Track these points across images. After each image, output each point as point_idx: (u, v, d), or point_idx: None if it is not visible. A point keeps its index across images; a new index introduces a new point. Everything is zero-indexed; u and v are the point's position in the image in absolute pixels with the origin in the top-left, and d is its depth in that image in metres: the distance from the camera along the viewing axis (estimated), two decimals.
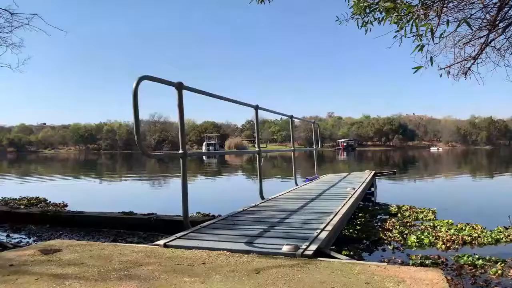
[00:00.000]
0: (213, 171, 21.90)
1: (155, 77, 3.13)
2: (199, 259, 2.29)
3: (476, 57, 5.19)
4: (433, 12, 3.91)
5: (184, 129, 3.44)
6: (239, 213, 4.15)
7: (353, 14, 4.21)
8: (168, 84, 3.33)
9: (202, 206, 6.64)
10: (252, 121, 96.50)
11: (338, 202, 4.71)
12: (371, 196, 8.01)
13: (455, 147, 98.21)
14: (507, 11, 4.71)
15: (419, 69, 3.62)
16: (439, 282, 1.83)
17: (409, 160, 35.55)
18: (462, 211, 6.96)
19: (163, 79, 3.25)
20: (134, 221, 5.40)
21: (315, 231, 3.06)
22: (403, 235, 4.89)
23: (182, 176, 3.36)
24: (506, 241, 4.65)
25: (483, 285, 3.17)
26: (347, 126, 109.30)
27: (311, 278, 1.93)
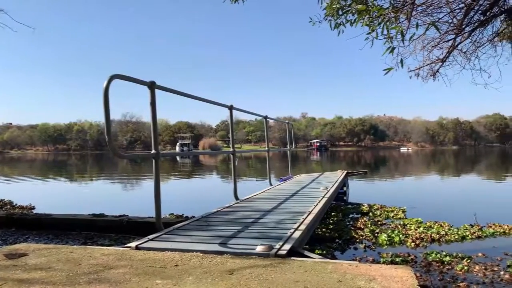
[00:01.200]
0: (187, 171, 21.70)
1: (127, 76, 3.07)
2: (172, 261, 2.26)
3: (444, 59, 5.36)
4: (403, 15, 4.02)
5: (156, 129, 3.39)
6: (213, 214, 4.12)
7: (326, 15, 4.26)
8: (140, 84, 3.28)
9: (176, 207, 6.57)
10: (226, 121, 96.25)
11: (311, 202, 4.76)
12: (344, 196, 8.13)
13: (424, 147, 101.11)
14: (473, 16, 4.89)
15: (390, 70, 3.71)
16: (409, 279, 1.87)
17: (380, 160, 36.35)
18: (430, 210, 7.17)
19: (135, 78, 3.19)
20: (105, 223, 5.28)
21: (289, 231, 3.08)
22: (374, 233, 5.00)
23: (155, 177, 3.31)
24: (472, 238, 4.82)
25: (450, 281, 3.27)
26: (320, 126, 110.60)
27: (284, 277, 1.94)
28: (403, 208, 6.76)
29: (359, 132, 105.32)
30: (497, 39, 5.73)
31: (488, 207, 7.54)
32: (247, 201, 5.11)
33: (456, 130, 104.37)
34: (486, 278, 3.33)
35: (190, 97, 4.25)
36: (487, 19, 4.91)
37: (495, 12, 4.83)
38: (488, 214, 6.15)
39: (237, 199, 5.19)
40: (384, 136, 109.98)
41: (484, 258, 3.93)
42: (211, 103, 4.79)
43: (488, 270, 3.52)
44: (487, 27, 5.33)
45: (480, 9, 4.76)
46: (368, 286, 1.80)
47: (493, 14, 4.84)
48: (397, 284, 1.81)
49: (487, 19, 4.89)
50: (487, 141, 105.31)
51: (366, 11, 3.76)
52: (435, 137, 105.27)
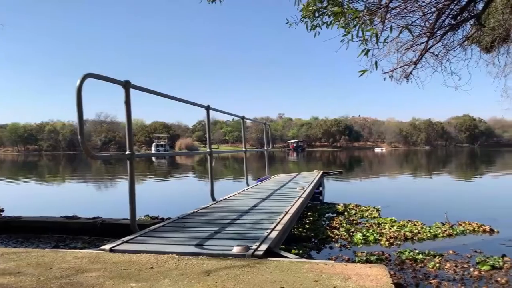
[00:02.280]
0: (163, 172, 21.44)
1: (100, 75, 3.01)
2: (147, 263, 2.22)
3: (417, 62, 5.49)
4: (377, 18, 4.09)
5: (131, 130, 3.33)
6: (189, 215, 4.09)
7: (303, 17, 4.29)
8: (115, 83, 3.22)
9: (151, 209, 6.48)
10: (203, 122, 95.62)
11: (288, 202, 4.79)
12: (320, 195, 8.22)
13: (397, 147, 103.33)
14: (444, 20, 5.03)
15: (364, 72, 3.77)
16: (383, 277, 1.91)
17: (355, 160, 36.93)
18: (404, 209, 7.34)
19: (109, 77, 3.13)
20: (77, 225, 5.14)
21: (266, 231, 3.09)
22: (350, 233, 5.07)
23: (130, 178, 3.25)
24: (443, 236, 4.96)
25: (422, 278, 3.35)
26: (297, 127, 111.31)
27: (261, 278, 1.94)
28: (378, 207, 6.88)
29: (334, 133, 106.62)
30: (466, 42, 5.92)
31: (459, 206, 7.77)
32: (224, 201, 5.10)
33: (428, 131, 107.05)
34: (457, 274, 3.43)
35: (166, 97, 4.20)
36: (457, 23, 5.06)
37: (465, 17, 4.99)
38: (458, 213, 6.34)
39: (214, 200, 5.16)
40: (359, 137, 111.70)
41: (455, 256, 4.05)
42: (187, 103, 4.75)
43: (458, 267, 3.62)
44: (457, 31, 5.49)
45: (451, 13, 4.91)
46: (343, 285, 1.82)
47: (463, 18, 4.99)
48: (372, 282, 1.84)
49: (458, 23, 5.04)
50: (458, 141, 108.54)
51: (342, 13, 3.81)
52: (408, 138, 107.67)
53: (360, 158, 40.35)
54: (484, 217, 5.92)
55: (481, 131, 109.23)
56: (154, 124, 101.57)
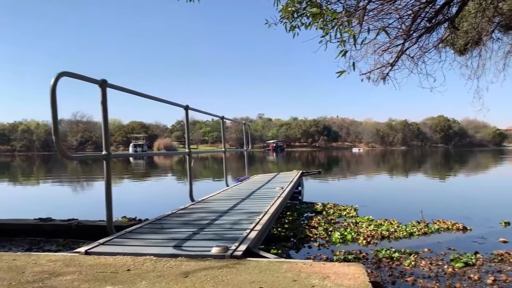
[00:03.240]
0: (140, 173, 21.16)
1: (76, 74, 2.94)
2: (124, 266, 2.18)
3: (393, 63, 5.59)
4: (355, 19, 4.14)
5: (108, 129, 3.27)
6: (167, 216, 4.04)
7: (282, 18, 4.31)
8: (91, 82, 3.15)
9: (129, 210, 6.38)
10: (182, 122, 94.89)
11: (267, 202, 4.80)
12: (299, 195, 8.27)
13: (374, 147, 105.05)
14: (419, 22, 5.14)
15: (342, 73, 3.81)
16: (360, 276, 1.93)
17: (333, 160, 37.35)
18: (381, 208, 7.46)
19: (85, 76, 3.07)
20: (52, 227, 5.01)
21: (245, 231, 3.09)
22: (328, 232, 5.12)
23: (106, 178, 3.19)
24: (419, 234, 5.07)
25: (398, 276, 3.42)
26: (276, 127, 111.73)
27: (240, 278, 1.93)
28: (355, 206, 6.98)
29: (313, 133, 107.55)
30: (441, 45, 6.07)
31: (434, 205, 7.94)
32: (203, 202, 5.06)
33: (404, 131, 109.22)
34: (432, 272, 3.51)
35: (144, 97, 4.14)
36: (432, 26, 5.18)
37: (439, 20, 5.11)
38: (433, 211, 6.50)
39: (193, 201, 5.12)
40: (337, 137, 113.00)
41: (430, 253, 4.15)
42: (166, 103, 4.69)
43: (433, 265, 3.71)
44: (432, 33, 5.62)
45: (426, 16, 5.02)
46: (321, 284, 1.83)
47: (437, 21, 5.11)
48: (350, 281, 1.86)
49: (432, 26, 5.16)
50: (433, 141, 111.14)
51: (320, 14, 3.84)
52: (384, 138, 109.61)
53: (338, 158, 40.83)
54: (458, 216, 6.08)
55: (455, 132, 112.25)
56: (131, 124, 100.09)
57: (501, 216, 6.00)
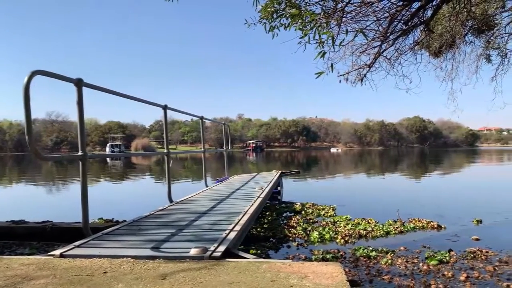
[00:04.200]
0: (118, 173, 20.81)
1: (51, 72, 2.86)
2: (100, 268, 2.14)
3: (371, 65, 5.68)
4: (334, 21, 4.18)
5: (83, 129, 3.20)
6: (145, 217, 3.99)
7: (261, 18, 4.31)
8: (66, 81, 3.08)
9: (105, 212, 6.27)
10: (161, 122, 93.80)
11: (247, 202, 4.79)
12: (278, 195, 8.29)
13: (352, 147, 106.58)
14: (396, 25, 5.23)
15: (321, 74, 3.84)
16: (338, 275, 1.95)
17: (312, 160, 37.66)
18: (358, 207, 7.56)
19: (60, 74, 2.99)
20: (25, 230, 4.86)
21: (224, 232, 3.07)
22: (307, 231, 5.16)
23: (82, 179, 3.13)
24: (395, 233, 5.16)
25: (375, 274, 3.47)
26: (256, 127, 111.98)
27: (218, 279, 1.92)
28: (333, 206, 7.06)
29: (292, 133, 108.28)
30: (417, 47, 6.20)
31: (410, 204, 8.11)
32: (182, 203, 5.02)
33: (381, 132, 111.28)
34: (407, 270, 3.58)
35: (121, 96, 4.07)
36: (408, 29, 5.28)
37: (415, 23, 5.22)
38: (409, 210, 6.64)
39: (171, 202, 5.07)
40: (316, 137, 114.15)
41: (406, 251, 4.23)
42: (144, 103, 4.62)
43: (409, 263, 3.79)
44: (408, 36, 5.74)
45: (402, 19, 5.12)
46: (300, 284, 1.84)
47: (413, 24, 5.22)
48: (328, 280, 1.88)
49: (408, 28, 5.27)
50: (409, 142, 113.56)
51: (299, 15, 3.86)
52: (362, 138, 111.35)
53: (317, 158, 41.18)
54: (433, 214, 6.24)
55: (430, 132, 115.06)
56: (109, 124, 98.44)
57: (474, 214, 6.18)
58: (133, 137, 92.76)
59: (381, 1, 4.82)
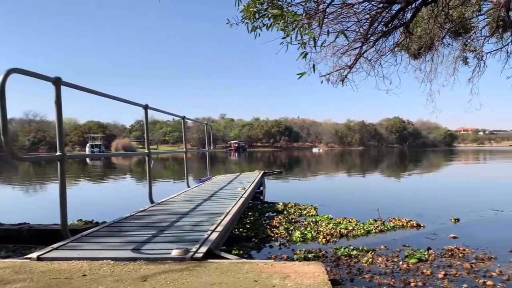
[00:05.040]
0: (98, 174, 20.46)
1: (27, 71, 2.80)
2: (79, 271, 2.10)
3: (352, 66, 5.75)
4: (315, 22, 4.21)
5: (62, 129, 3.13)
6: (126, 218, 3.93)
7: (244, 18, 4.31)
8: (44, 79, 3.01)
9: (85, 213, 6.15)
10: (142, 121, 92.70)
11: (229, 203, 4.78)
12: (260, 195, 8.30)
13: (333, 147, 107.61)
14: (376, 26, 5.31)
15: (303, 75, 3.87)
16: (320, 274, 1.97)
17: (294, 160, 37.83)
18: (340, 206, 7.63)
19: (38, 73, 2.93)
20: (0, 232, 4.73)
21: (206, 233, 3.06)
22: (289, 231, 5.18)
23: (60, 180, 3.06)
24: (376, 232, 5.24)
25: (356, 273, 3.51)
26: (239, 127, 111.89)
27: (200, 281, 1.91)
28: (315, 205, 7.11)
29: (275, 133, 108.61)
30: (397, 49, 6.32)
31: (390, 203, 8.23)
32: (163, 204, 4.97)
33: (362, 132, 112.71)
34: (388, 268, 3.63)
35: (101, 95, 4.01)
36: (388, 30, 5.37)
37: (395, 25, 5.31)
38: (389, 209, 6.74)
39: (152, 203, 5.02)
40: (298, 137, 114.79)
41: (386, 250, 4.30)
42: (124, 102, 4.56)
43: (389, 261, 3.84)
44: (388, 37, 5.84)
45: (382, 21, 5.20)
46: (282, 284, 1.85)
47: (393, 26, 5.31)
48: (310, 280, 1.89)
49: (389, 30, 5.36)
50: (389, 142, 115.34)
51: (281, 16, 3.88)
52: (343, 138, 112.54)
53: (299, 158, 41.40)
54: (412, 213, 6.35)
55: (409, 132, 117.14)
56: (88, 124, 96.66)
57: (452, 213, 6.32)
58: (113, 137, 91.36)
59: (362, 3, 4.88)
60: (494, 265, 3.71)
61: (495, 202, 7.63)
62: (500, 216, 6.35)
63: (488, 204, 7.44)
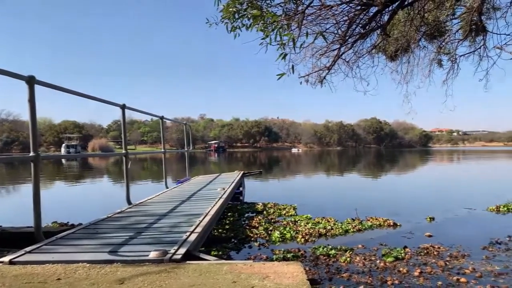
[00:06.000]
0: (74, 175, 20.01)
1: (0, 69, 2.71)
2: (54, 275, 2.05)
3: (330, 67, 5.80)
4: (294, 23, 4.23)
5: (36, 129, 3.05)
6: (102, 220, 3.86)
7: (223, 18, 4.29)
8: (17, 78, 2.93)
9: (60, 215, 6.01)
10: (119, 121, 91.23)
11: (208, 203, 4.75)
12: (240, 195, 8.29)
13: (312, 148, 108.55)
14: (354, 28, 5.38)
15: (282, 75, 3.89)
16: (299, 274, 1.98)
17: (274, 160, 37.97)
18: (318, 206, 7.70)
19: (11, 71, 2.84)
20: None
21: (185, 234, 3.03)
22: (268, 231, 5.19)
23: (34, 181, 2.98)
24: (353, 231, 5.31)
25: (335, 272, 3.55)
26: (218, 128, 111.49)
27: (179, 283, 1.89)
28: (294, 205, 7.15)
29: (255, 134, 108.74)
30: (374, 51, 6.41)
31: (367, 202, 8.34)
32: (141, 205, 4.90)
33: (340, 133, 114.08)
34: (365, 267, 3.69)
35: (77, 95, 3.92)
36: (366, 32, 5.45)
37: (372, 27, 5.39)
38: (367, 209, 6.84)
39: (130, 204, 4.94)
40: (278, 138, 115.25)
41: (364, 249, 4.36)
42: (101, 102, 4.47)
43: (367, 260, 3.90)
44: (366, 39, 5.91)
45: (360, 23, 5.27)
46: (261, 284, 1.85)
47: (371, 28, 5.39)
48: (289, 280, 1.90)
49: (366, 32, 5.43)
50: (366, 142, 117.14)
51: (261, 16, 3.88)
52: (322, 139, 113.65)
53: (279, 159, 41.57)
54: (389, 212, 6.46)
55: (386, 133, 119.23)
56: (64, 124, 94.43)
57: (427, 212, 6.47)
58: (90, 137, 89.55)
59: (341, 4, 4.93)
60: (467, 262, 3.82)
61: (468, 201, 7.84)
62: (472, 214, 6.54)
63: (461, 202, 7.65)
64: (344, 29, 5.24)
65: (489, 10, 5.98)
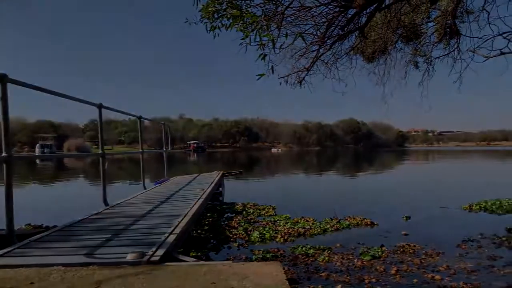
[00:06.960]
0: (48, 176, 19.51)
1: None
2: (27, 279, 1.99)
3: (309, 68, 5.85)
4: (274, 24, 4.25)
5: (9, 128, 2.96)
6: (78, 222, 3.78)
7: (202, 17, 4.26)
8: None
9: (34, 217, 5.84)
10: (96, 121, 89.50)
11: (187, 204, 4.72)
12: (219, 196, 8.27)
13: (291, 148, 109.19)
14: (333, 30, 5.44)
15: (262, 76, 3.90)
16: (278, 274, 1.98)
17: (253, 160, 38.01)
18: (297, 206, 7.74)
19: None
20: None
21: (163, 236, 3.00)
22: (247, 231, 5.19)
23: (6, 182, 2.89)
24: (332, 230, 5.36)
25: (313, 271, 3.58)
26: (198, 128, 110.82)
27: (157, 285, 1.87)
28: (274, 205, 7.18)
29: (234, 134, 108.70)
30: (352, 52, 6.51)
31: (346, 202, 8.45)
32: (118, 206, 4.82)
33: (318, 133, 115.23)
34: (343, 266, 3.73)
35: (52, 94, 3.82)
36: (344, 34, 5.52)
37: (351, 28, 5.47)
38: (345, 208, 6.92)
39: (107, 205, 4.86)
40: (257, 138, 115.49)
41: (342, 248, 4.41)
42: (77, 101, 4.37)
43: (345, 259, 3.95)
44: (344, 41, 6.00)
45: (339, 24, 5.33)
46: (241, 285, 1.85)
47: (349, 30, 5.47)
48: (268, 280, 1.90)
49: (345, 34, 5.51)
50: (344, 142, 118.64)
51: (240, 17, 3.88)
52: (301, 139, 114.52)
53: (259, 159, 41.64)
54: (366, 211, 6.55)
55: (363, 133, 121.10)
56: (38, 123, 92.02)
57: (403, 211, 6.60)
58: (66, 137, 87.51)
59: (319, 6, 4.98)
60: (442, 260, 3.91)
61: (443, 200, 8.04)
62: (447, 213, 6.70)
63: (436, 201, 7.84)
64: (323, 31, 5.29)
65: (463, 14, 6.15)
